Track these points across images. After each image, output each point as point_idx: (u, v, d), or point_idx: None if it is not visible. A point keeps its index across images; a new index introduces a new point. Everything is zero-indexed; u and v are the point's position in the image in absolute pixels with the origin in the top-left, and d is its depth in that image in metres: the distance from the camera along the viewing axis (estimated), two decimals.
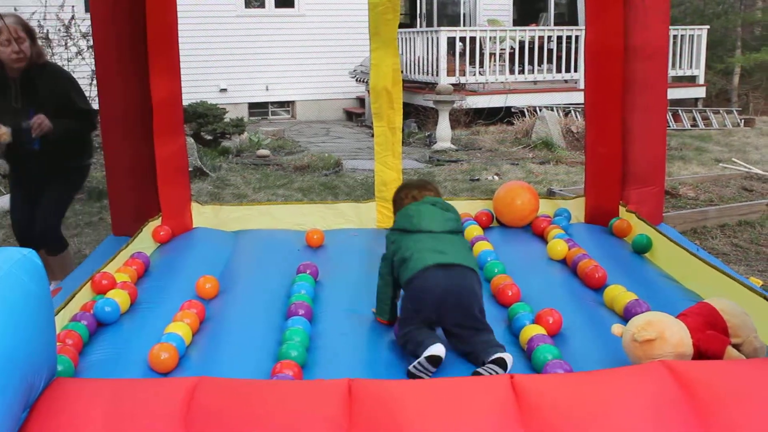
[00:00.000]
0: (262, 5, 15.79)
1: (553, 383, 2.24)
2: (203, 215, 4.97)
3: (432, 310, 3.00)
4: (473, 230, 4.62)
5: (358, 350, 3.13)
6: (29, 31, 4.75)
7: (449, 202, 5.10)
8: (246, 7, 15.62)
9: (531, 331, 3.08)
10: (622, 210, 4.73)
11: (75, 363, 2.87)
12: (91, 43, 8.91)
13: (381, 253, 4.22)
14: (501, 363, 2.77)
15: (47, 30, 8.99)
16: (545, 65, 14.60)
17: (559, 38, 14.62)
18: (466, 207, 5.06)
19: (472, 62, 14.07)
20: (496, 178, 9.31)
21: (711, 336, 2.67)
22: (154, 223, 4.64)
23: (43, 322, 2.19)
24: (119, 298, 3.42)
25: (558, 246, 4.21)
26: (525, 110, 13.67)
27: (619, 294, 3.48)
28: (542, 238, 4.63)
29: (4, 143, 4.63)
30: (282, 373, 2.75)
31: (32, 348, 2.08)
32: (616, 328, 2.81)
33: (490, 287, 3.76)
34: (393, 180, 4.99)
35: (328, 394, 2.15)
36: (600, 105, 4.72)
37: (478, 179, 9.23)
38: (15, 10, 9.30)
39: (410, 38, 14.84)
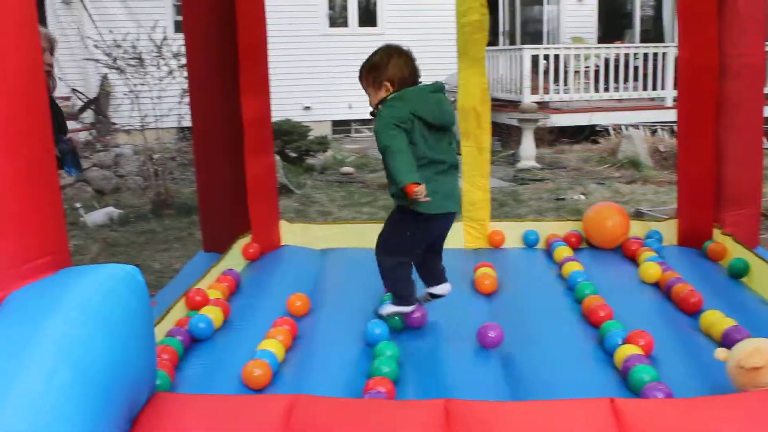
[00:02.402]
0: (345, 24, 15.96)
1: (654, 408, 2.19)
2: (291, 233, 5.02)
3: (428, 244, 3.43)
4: (562, 251, 4.55)
5: (451, 367, 3.14)
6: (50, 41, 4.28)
7: (535, 222, 5.12)
8: (330, 26, 15.81)
9: (627, 350, 3.03)
10: (716, 232, 4.60)
11: (171, 377, 2.92)
12: (181, 62, 9.16)
13: (469, 273, 4.24)
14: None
15: (140, 51, 9.24)
16: (631, 83, 14.37)
17: (645, 55, 14.38)
18: (554, 228, 5.01)
19: (556, 80, 13.96)
20: (582, 197, 9.19)
21: None
22: (244, 241, 4.71)
23: (145, 338, 2.24)
24: (213, 314, 3.48)
25: (651, 269, 4.12)
26: (610, 129, 13.47)
27: (717, 320, 3.37)
28: (633, 260, 4.54)
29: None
30: (375, 390, 2.75)
31: (135, 363, 2.12)
32: (721, 353, 2.72)
33: (581, 308, 3.71)
34: (481, 200, 4.97)
35: (424, 415, 2.13)
36: (693, 124, 4.61)
37: (563, 199, 9.12)
38: (110, 32, 9.62)
39: (493, 56, 14.80)
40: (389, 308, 3.42)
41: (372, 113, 3.32)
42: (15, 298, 2.01)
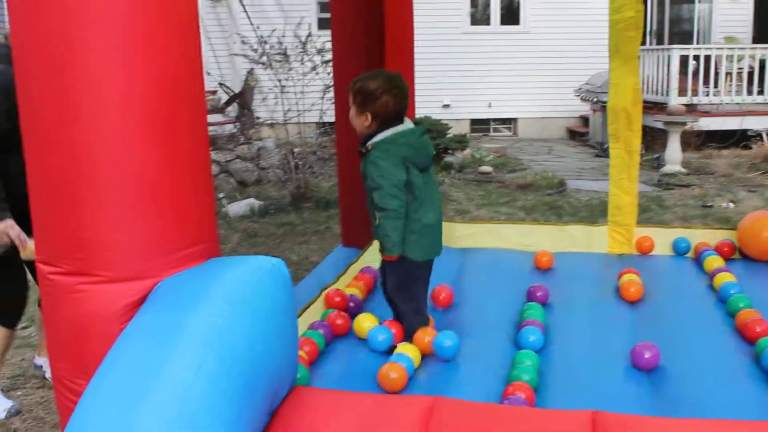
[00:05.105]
0: (487, 22, 15.83)
1: None
2: None
3: None
4: (713, 261, 4.34)
5: (593, 377, 3.02)
6: None
7: (684, 230, 4.89)
8: (472, 24, 15.72)
9: None
10: None
11: (310, 370, 2.94)
12: (325, 58, 9.29)
13: (612, 278, 4.11)
14: None
15: (285, 47, 9.43)
16: None
17: None
18: (704, 236, 4.78)
19: (706, 82, 13.36)
20: (731, 205, 8.77)
21: None
22: None
23: (289, 331, 2.25)
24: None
25: None
26: (763, 134, 12.81)
27: None
28: None
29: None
30: (514, 396, 2.69)
31: (279, 355, 2.13)
32: None
33: (734, 322, 3.52)
34: (628, 204, 4.79)
35: (569, 426, 2.05)
36: None
37: (711, 206, 8.73)
38: (257, 28, 9.86)
39: (640, 56, 14.31)
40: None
41: (360, 152, 3.25)
42: (166, 284, 2.06)
